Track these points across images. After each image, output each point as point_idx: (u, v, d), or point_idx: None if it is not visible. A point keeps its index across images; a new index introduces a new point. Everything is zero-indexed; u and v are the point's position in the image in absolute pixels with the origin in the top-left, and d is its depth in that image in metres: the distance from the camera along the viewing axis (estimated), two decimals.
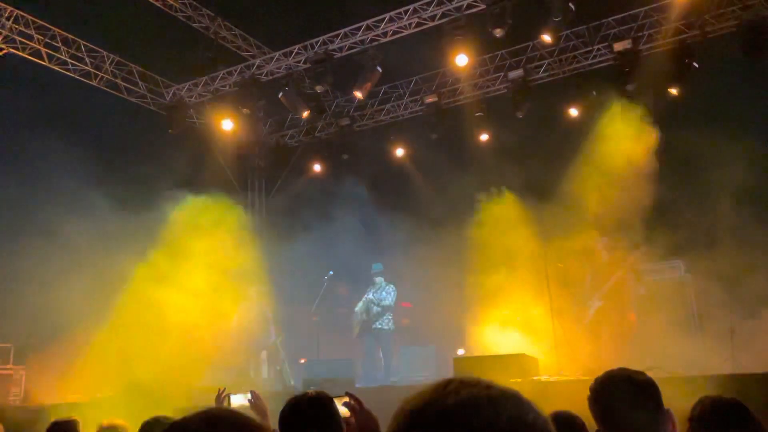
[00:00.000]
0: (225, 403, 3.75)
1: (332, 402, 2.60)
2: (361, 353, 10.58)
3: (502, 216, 10.90)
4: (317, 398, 2.63)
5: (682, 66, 10.43)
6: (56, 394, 9.84)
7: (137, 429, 3.67)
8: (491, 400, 0.93)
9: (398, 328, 11.35)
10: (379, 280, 10.47)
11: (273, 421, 3.51)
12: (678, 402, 2.53)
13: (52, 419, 4.05)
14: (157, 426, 3.49)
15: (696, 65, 10.31)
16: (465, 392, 0.94)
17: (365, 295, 10.55)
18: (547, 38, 9.97)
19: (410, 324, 11.52)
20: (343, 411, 2.64)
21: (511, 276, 10.97)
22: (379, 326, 10.22)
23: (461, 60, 10.55)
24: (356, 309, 10.52)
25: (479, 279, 11.07)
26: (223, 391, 3.83)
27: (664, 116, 10.54)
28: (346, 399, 2.63)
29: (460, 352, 10.38)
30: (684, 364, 8.38)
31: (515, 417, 0.92)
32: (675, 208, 10.00)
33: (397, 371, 11.07)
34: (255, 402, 3.52)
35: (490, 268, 11.26)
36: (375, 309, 10.22)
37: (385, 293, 10.27)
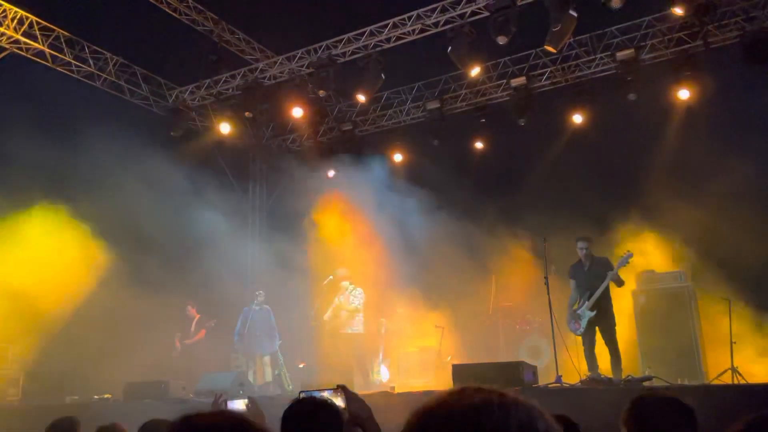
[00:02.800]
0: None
1: (335, 406, 2.58)
2: (333, 360, 10.34)
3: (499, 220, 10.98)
4: (320, 402, 2.61)
5: (684, 76, 10.47)
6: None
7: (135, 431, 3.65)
8: (502, 406, 0.94)
9: (401, 335, 11.32)
10: (345, 284, 10.32)
11: (272, 426, 3.50)
12: None
13: (51, 419, 4.02)
14: (155, 428, 3.47)
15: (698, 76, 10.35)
16: (478, 397, 0.95)
17: (333, 302, 10.34)
18: (550, 48, 9.98)
19: (410, 330, 11.49)
20: (338, 401, 2.66)
21: (511, 282, 11.01)
22: (350, 330, 10.07)
23: (474, 71, 10.68)
24: (324, 317, 10.32)
25: (477, 284, 11.10)
26: (220, 396, 3.81)
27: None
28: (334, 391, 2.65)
29: (448, 359, 10.35)
30: (683, 373, 8.38)
31: (525, 424, 0.93)
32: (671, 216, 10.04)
33: (395, 377, 11.04)
34: (252, 408, 3.49)
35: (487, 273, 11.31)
36: (343, 313, 10.08)
37: (353, 297, 10.12)
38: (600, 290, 8.11)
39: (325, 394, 2.78)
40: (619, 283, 8.24)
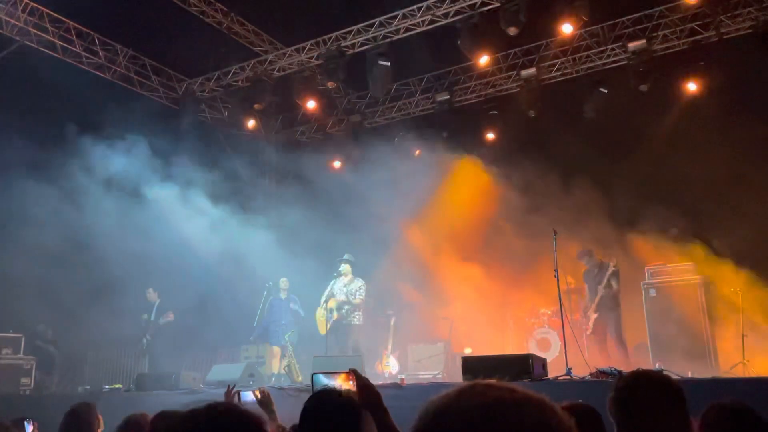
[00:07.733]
0: (235, 400, 3.76)
1: (356, 401, 2.54)
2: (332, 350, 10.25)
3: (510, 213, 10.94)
4: (342, 396, 2.59)
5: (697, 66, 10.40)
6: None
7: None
8: (516, 403, 0.93)
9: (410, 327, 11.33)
10: (343, 268, 10.06)
11: (281, 417, 3.52)
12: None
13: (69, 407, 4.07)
14: (166, 419, 3.50)
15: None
16: (490, 395, 0.94)
17: (330, 288, 10.11)
18: (568, 28, 9.88)
19: (420, 321, 11.49)
20: (349, 386, 2.66)
21: (521, 274, 10.98)
22: (350, 321, 9.92)
23: (483, 59, 10.63)
24: (324, 305, 10.16)
25: (490, 280, 11.09)
26: (233, 388, 3.84)
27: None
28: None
29: (467, 351, 10.33)
30: (693, 366, 8.34)
31: (538, 421, 0.92)
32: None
33: (405, 369, 11.05)
34: (263, 399, 3.53)
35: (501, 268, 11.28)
36: (346, 307, 9.96)
37: (356, 289, 10.01)
38: (599, 293, 8.33)
39: (337, 380, 2.78)
40: (611, 288, 8.47)
